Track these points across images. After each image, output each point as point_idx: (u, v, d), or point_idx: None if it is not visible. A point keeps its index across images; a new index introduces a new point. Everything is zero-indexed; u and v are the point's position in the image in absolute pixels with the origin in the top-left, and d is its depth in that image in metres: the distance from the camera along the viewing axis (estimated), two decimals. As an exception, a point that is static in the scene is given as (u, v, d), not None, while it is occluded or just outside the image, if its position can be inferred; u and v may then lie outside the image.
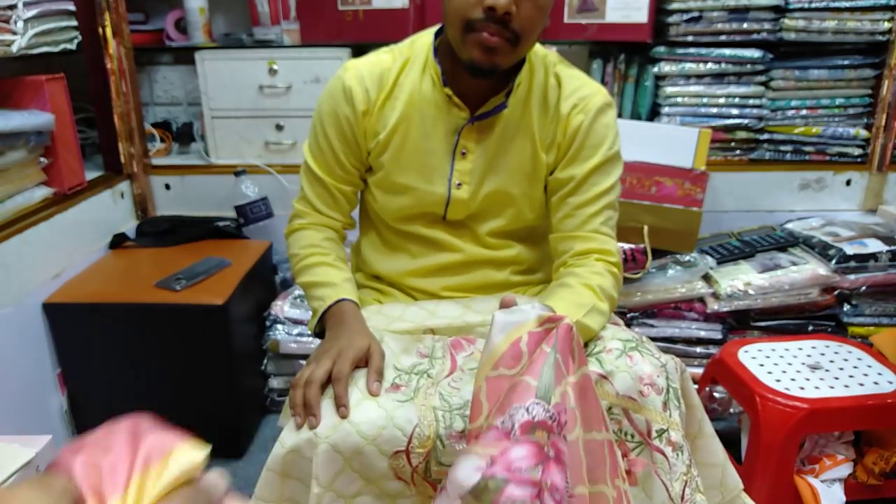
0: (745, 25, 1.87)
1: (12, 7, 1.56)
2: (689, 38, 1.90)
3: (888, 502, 1.47)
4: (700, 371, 1.69)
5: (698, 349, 1.84)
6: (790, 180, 2.03)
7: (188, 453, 0.45)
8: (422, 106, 1.10)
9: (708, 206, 1.88)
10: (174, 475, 0.44)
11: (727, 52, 1.90)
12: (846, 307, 1.81)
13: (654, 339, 1.64)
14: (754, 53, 1.89)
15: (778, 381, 1.44)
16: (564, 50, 2.11)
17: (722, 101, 1.96)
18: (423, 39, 1.13)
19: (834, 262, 1.77)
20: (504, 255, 1.18)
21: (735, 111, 1.96)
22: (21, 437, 1.08)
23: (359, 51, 1.99)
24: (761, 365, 1.50)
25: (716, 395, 1.71)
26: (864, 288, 1.78)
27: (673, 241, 1.81)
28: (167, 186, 2.12)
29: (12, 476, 1.00)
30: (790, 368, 1.49)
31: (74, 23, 1.80)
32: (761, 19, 1.87)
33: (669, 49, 1.92)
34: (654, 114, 2.03)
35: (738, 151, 2.04)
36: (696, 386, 1.11)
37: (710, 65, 1.93)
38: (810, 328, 1.83)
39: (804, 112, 1.96)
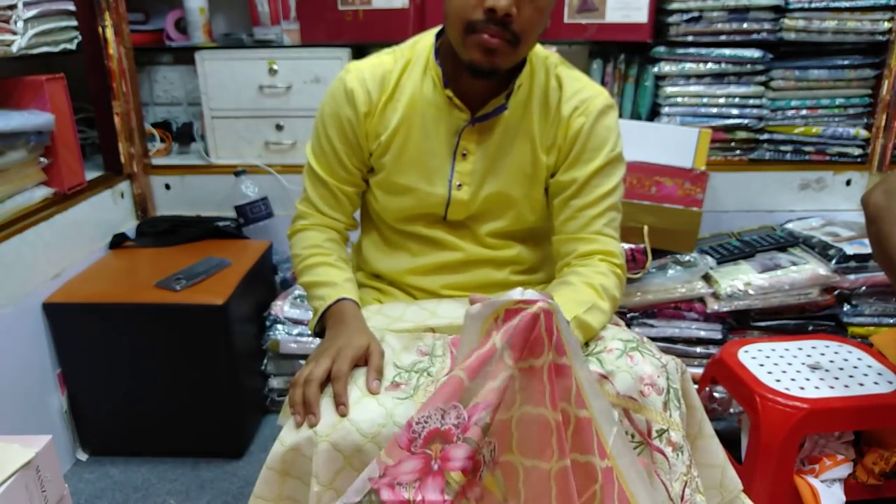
0: (745, 25, 1.87)
1: (12, 7, 1.56)
2: (689, 38, 1.90)
3: (888, 502, 1.47)
4: (700, 371, 1.69)
5: (698, 349, 1.84)
6: (790, 180, 2.03)
7: None
8: (423, 107, 1.10)
9: (708, 206, 1.88)
10: None
11: (727, 52, 1.90)
12: (846, 307, 1.81)
13: (654, 339, 1.64)
14: (754, 53, 1.89)
15: (778, 381, 1.44)
16: (564, 50, 2.11)
17: (722, 101, 1.96)
18: (424, 41, 1.13)
19: (834, 262, 1.77)
20: (504, 255, 1.18)
21: (735, 111, 1.96)
22: (21, 437, 1.08)
23: (359, 51, 1.99)
24: (761, 365, 1.50)
25: (716, 395, 1.71)
26: (864, 288, 1.78)
27: (673, 241, 1.81)
28: (167, 186, 2.12)
29: (12, 476, 1.00)
30: (790, 368, 1.49)
31: (74, 23, 1.80)
32: (761, 19, 1.87)
33: (669, 49, 1.92)
34: (654, 114, 2.03)
35: (738, 151, 2.04)
36: (696, 386, 1.11)
37: (710, 65, 1.93)
38: (810, 328, 1.83)
39: (804, 112, 1.96)
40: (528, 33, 0.99)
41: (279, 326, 1.88)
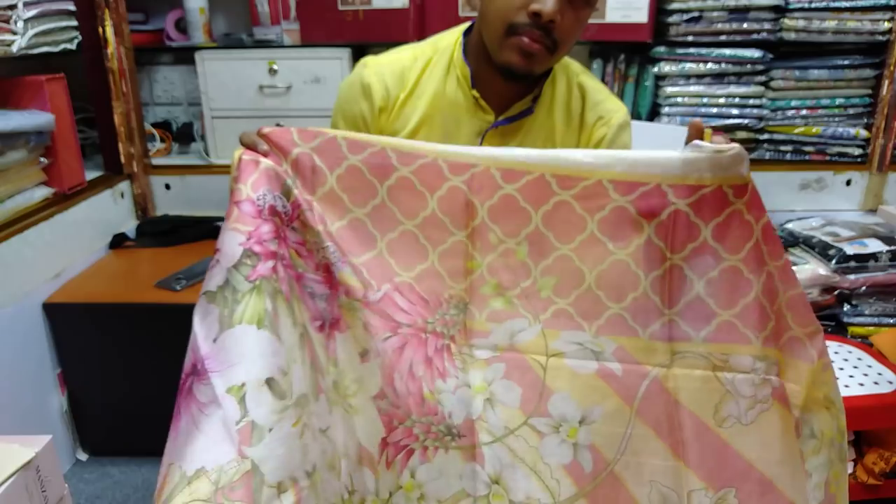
0: (745, 25, 1.87)
1: (12, 7, 1.56)
2: (689, 38, 1.90)
3: (888, 502, 1.47)
4: (700, 371, 1.69)
5: (698, 349, 1.83)
6: (790, 180, 2.03)
7: None
8: (444, 107, 1.10)
9: (708, 206, 1.87)
10: None
11: (727, 52, 1.90)
12: (846, 307, 1.81)
13: (654, 339, 1.64)
14: (754, 53, 1.89)
15: (778, 381, 1.43)
16: (564, 50, 2.11)
17: (722, 101, 1.96)
18: (448, 39, 1.12)
19: (834, 262, 1.77)
20: None
21: (735, 111, 1.96)
22: (21, 437, 1.08)
23: (359, 51, 1.99)
24: (761, 365, 1.49)
25: (716, 395, 1.71)
26: (864, 288, 1.78)
27: (673, 241, 1.81)
28: (167, 186, 2.12)
29: (12, 476, 1.00)
30: (790, 368, 1.49)
31: (74, 23, 1.80)
32: (761, 19, 1.87)
33: (669, 49, 1.92)
34: (654, 114, 2.03)
35: (738, 151, 2.03)
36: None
37: (710, 65, 1.93)
38: (810, 328, 1.83)
39: (804, 112, 1.96)
40: (567, 41, 0.99)
41: (279, 326, 1.88)
